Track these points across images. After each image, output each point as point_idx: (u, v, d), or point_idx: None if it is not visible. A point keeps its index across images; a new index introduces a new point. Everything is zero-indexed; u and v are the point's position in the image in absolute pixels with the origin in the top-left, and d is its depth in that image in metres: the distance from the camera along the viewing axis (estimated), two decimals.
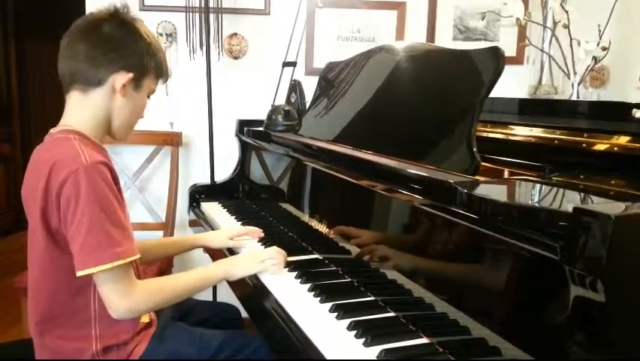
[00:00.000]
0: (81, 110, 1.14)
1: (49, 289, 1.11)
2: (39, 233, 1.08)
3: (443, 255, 1.00)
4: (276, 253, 1.32)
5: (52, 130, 1.16)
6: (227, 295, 1.57)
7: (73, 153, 1.05)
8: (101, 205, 1.03)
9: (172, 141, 2.47)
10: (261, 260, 1.30)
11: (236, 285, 1.38)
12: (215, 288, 2.45)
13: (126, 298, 1.07)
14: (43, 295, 1.12)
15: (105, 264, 1.02)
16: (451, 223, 0.95)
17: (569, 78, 2.04)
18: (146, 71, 1.17)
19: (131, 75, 1.13)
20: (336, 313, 1.06)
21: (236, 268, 1.29)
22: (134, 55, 1.14)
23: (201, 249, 1.80)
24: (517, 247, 0.79)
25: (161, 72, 1.22)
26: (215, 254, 1.62)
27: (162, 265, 2.17)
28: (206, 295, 2.39)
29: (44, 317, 1.13)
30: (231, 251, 1.52)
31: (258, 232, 1.56)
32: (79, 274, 1.03)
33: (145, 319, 1.20)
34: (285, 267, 1.30)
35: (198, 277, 1.25)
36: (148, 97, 1.22)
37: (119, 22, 1.14)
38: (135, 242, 1.10)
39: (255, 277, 1.28)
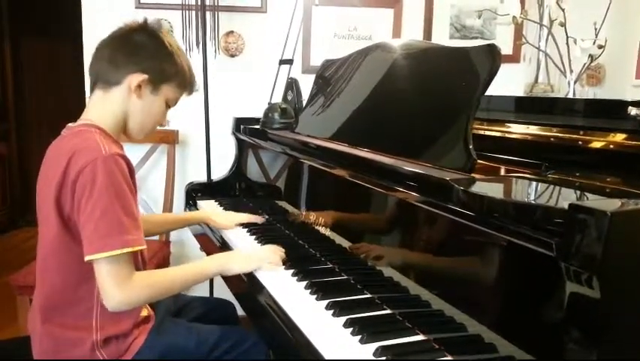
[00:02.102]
0: (101, 107, 1.20)
1: (57, 276, 1.13)
2: (51, 220, 1.10)
3: (439, 252, 1.01)
4: (273, 252, 1.33)
5: (70, 124, 1.21)
6: (223, 292, 1.58)
7: (94, 143, 1.10)
8: (116, 194, 1.06)
9: (168, 138, 2.47)
10: (258, 258, 1.31)
11: (232, 282, 1.38)
12: (211, 284, 2.45)
13: (122, 290, 1.08)
14: (50, 281, 1.14)
15: (115, 250, 1.05)
16: (447, 221, 0.95)
17: (565, 76, 2.04)
18: (165, 77, 1.23)
19: (145, 77, 1.19)
20: (332, 311, 1.06)
21: (233, 263, 1.30)
22: (152, 59, 1.21)
23: (199, 250, 1.83)
24: (513, 244, 0.79)
25: (184, 83, 1.28)
26: (207, 247, 1.64)
27: (159, 262, 2.17)
28: (202, 292, 2.39)
29: (49, 303, 1.14)
30: (224, 245, 1.54)
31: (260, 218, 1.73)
32: (87, 258, 1.05)
33: (144, 313, 1.22)
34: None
35: (194, 271, 1.27)
36: (169, 106, 1.28)
37: (146, 31, 1.22)
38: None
39: (251, 274, 1.28)
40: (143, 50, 1.20)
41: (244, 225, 1.70)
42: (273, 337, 1.13)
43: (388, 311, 1.07)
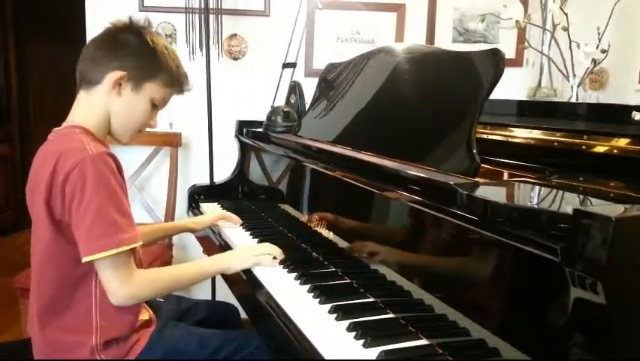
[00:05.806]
0: (84, 107, 1.19)
1: (52, 279, 1.13)
2: (43, 224, 1.09)
3: (443, 256, 1.01)
4: (270, 248, 1.35)
5: (56, 128, 1.19)
6: (226, 295, 1.58)
7: (79, 144, 1.09)
8: (108, 193, 1.06)
9: (171, 141, 2.47)
10: (255, 254, 1.33)
11: (235, 285, 1.38)
12: (214, 287, 2.45)
13: (126, 284, 1.09)
14: (46, 285, 1.13)
15: (111, 249, 1.05)
16: (450, 225, 0.95)
17: (568, 80, 2.04)
18: (147, 74, 1.19)
19: (124, 73, 1.16)
20: (335, 315, 1.06)
21: (233, 260, 1.32)
22: (131, 55, 1.18)
23: (201, 253, 1.82)
24: (517, 248, 0.79)
25: (170, 81, 1.24)
26: (210, 250, 1.65)
27: (161, 265, 2.17)
28: (205, 295, 2.39)
29: (47, 308, 1.13)
30: (227, 247, 1.54)
31: (237, 219, 1.71)
32: (85, 260, 1.06)
33: (144, 316, 1.21)
34: (279, 263, 1.33)
35: (196, 269, 1.30)
36: (156, 106, 1.24)
37: (129, 29, 1.21)
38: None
39: (254, 277, 1.28)
40: (124, 48, 1.18)
41: (246, 227, 1.70)
42: (275, 341, 1.13)
43: (391, 315, 1.07)
